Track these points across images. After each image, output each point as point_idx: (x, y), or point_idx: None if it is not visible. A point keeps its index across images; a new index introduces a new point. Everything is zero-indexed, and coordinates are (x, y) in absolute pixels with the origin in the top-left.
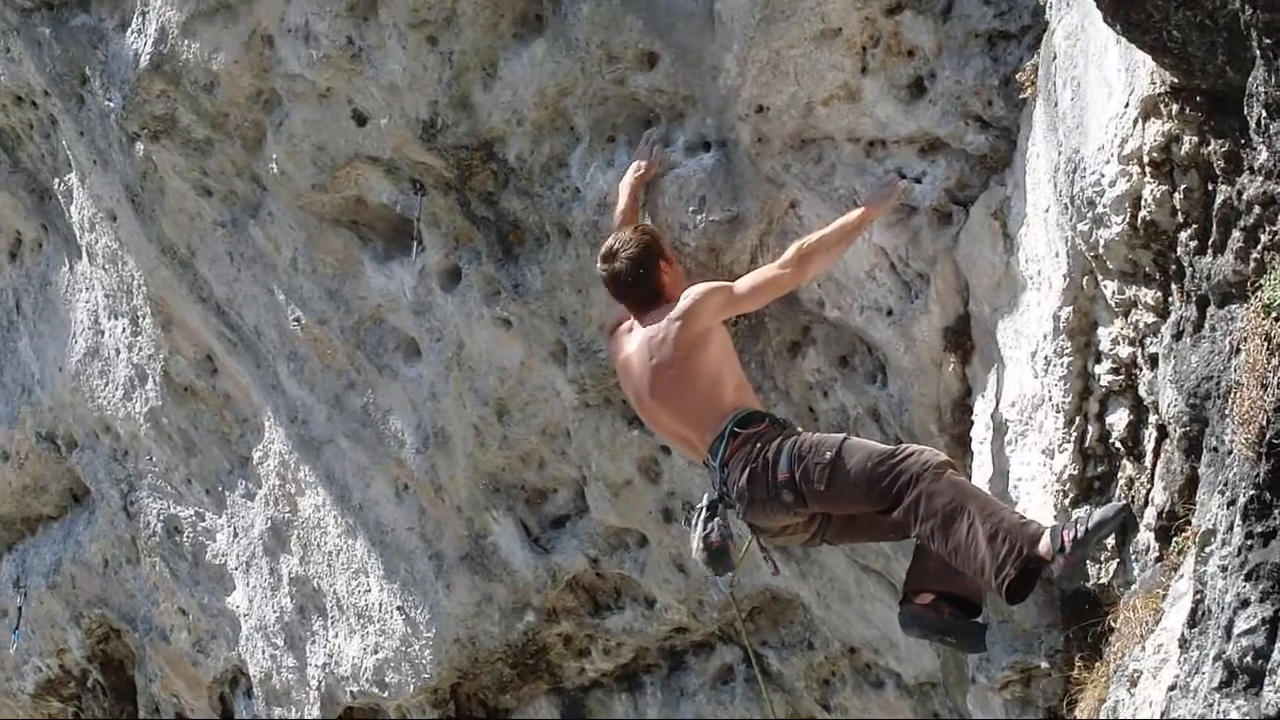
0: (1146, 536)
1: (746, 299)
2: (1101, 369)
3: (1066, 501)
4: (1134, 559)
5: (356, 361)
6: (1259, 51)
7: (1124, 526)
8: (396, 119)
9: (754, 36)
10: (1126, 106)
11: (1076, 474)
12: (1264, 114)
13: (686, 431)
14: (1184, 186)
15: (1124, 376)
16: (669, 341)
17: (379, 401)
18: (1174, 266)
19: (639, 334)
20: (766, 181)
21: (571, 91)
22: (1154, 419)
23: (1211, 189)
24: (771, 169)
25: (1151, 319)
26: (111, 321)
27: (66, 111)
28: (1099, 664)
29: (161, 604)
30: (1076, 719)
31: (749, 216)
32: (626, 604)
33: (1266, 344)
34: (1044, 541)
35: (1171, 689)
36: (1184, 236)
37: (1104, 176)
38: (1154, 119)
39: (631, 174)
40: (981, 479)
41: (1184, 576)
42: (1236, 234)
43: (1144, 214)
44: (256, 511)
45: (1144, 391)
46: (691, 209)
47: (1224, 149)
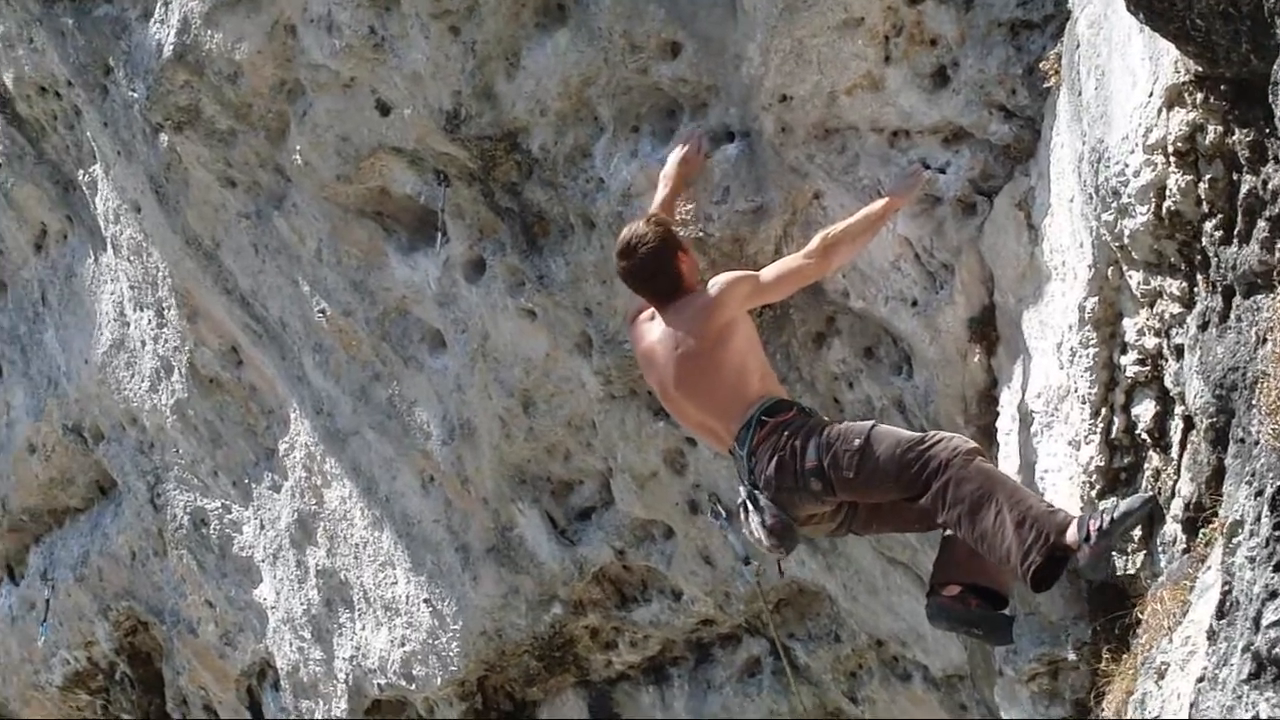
0: (1173, 528)
1: (772, 288)
2: (1127, 360)
3: (1093, 493)
4: (1161, 551)
5: (382, 353)
6: None
7: (1150, 518)
8: (420, 109)
9: (777, 25)
10: (1151, 95)
11: (1103, 465)
12: None
13: (712, 421)
14: (1209, 176)
15: (1150, 367)
16: (695, 331)
17: (404, 393)
18: (1199, 256)
19: (662, 324)
20: (790, 171)
21: (595, 81)
22: (1180, 410)
23: (1236, 178)
24: (795, 159)
25: (1177, 309)
26: (137, 313)
27: (90, 102)
28: (1126, 656)
29: (189, 596)
30: (1104, 712)
31: (773, 207)
32: (653, 596)
33: None
34: (1071, 531)
35: (1200, 681)
36: (1209, 226)
37: (1128, 166)
38: (1178, 108)
39: (675, 163)
40: (1008, 470)
41: (1211, 568)
42: (1262, 224)
43: (1169, 204)
44: (283, 503)
45: (1170, 382)
46: (715, 199)
47: (1249, 138)
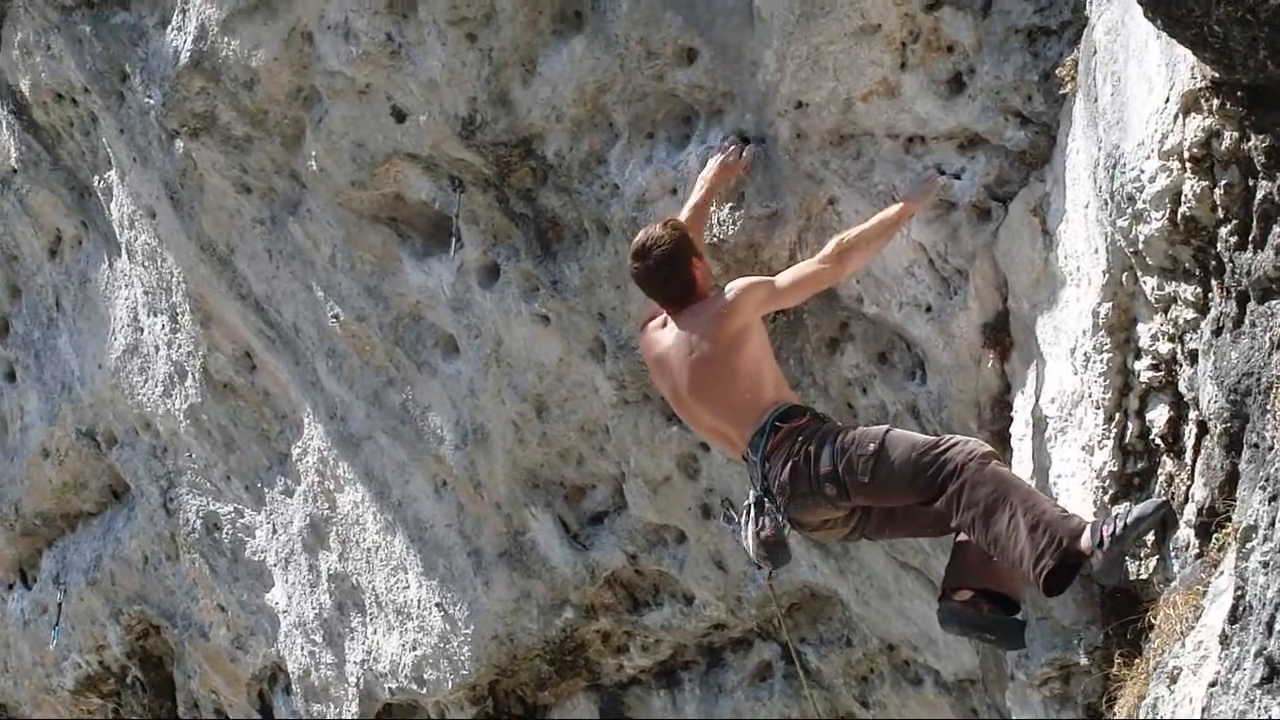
0: (1187, 533)
1: (787, 294)
2: (1141, 365)
3: (1106, 498)
4: (1174, 555)
5: (395, 358)
6: None
7: (1164, 523)
8: (435, 116)
9: (793, 32)
10: (1167, 102)
11: (1116, 470)
12: None
13: (726, 427)
14: (1224, 182)
15: (1164, 372)
16: (710, 337)
17: (418, 398)
18: (1214, 262)
19: (675, 330)
20: (805, 177)
21: (610, 88)
22: (1194, 415)
23: (1252, 184)
24: (810, 165)
25: (1191, 315)
26: (151, 318)
27: (107, 109)
28: (1139, 661)
29: (201, 600)
30: (1116, 716)
31: (788, 212)
32: (665, 601)
33: None
34: (1085, 536)
35: (1212, 685)
36: (1224, 232)
37: (1144, 172)
38: (1195, 114)
39: (713, 170)
40: (1021, 475)
41: (1224, 573)
42: (1277, 229)
43: (1184, 209)
44: (295, 508)
45: (1184, 387)
46: (730, 204)
47: (1265, 144)
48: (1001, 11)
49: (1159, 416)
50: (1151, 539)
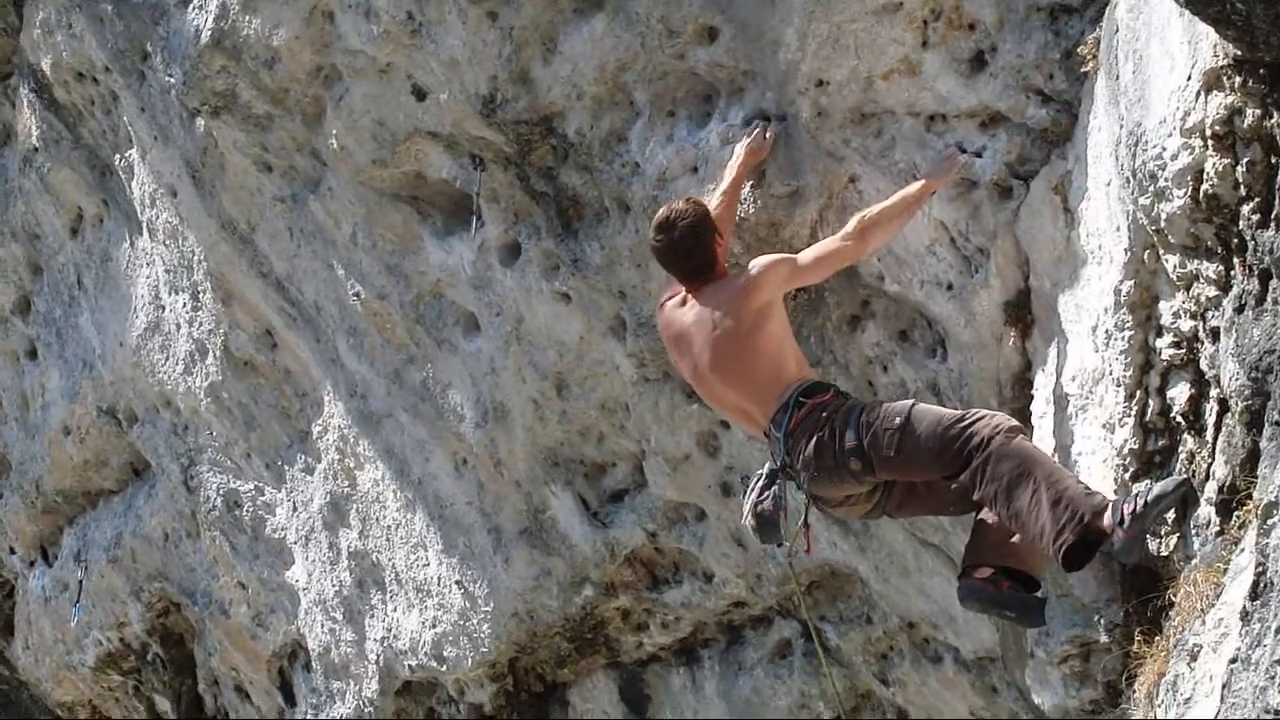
0: (1207, 510)
1: (809, 271)
2: (1163, 343)
3: (1127, 476)
4: (1194, 533)
5: (416, 336)
6: None
7: (1184, 500)
8: (456, 94)
9: (814, 11)
10: (1189, 79)
11: (1137, 448)
12: None
13: (747, 404)
14: (1246, 159)
15: (1185, 350)
16: (733, 314)
17: (438, 376)
18: (1236, 240)
19: (696, 307)
20: (826, 156)
21: (631, 66)
22: (1215, 392)
23: (1274, 161)
24: (831, 143)
25: (1213, 292)
26: (172, 296)
27: (128, 87)
28: (1159, 638)
29: (221, 578)
30: (1136, 694)
31: (809, 191)
32: (685, 578)
33: None
34: (1106, 514)
35: (1233, 662)
36: (1246, 210)
37: (1166, 150)
38: (1216, 92)
39: (739, 156)
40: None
41: (1245, 550)
42: None
43: (1206, 187)
44: (316, 486)
45: (1205, 365)
46: (751, 183)
47: None
48: None
49: (1180, 394)
50: (1172, 516)
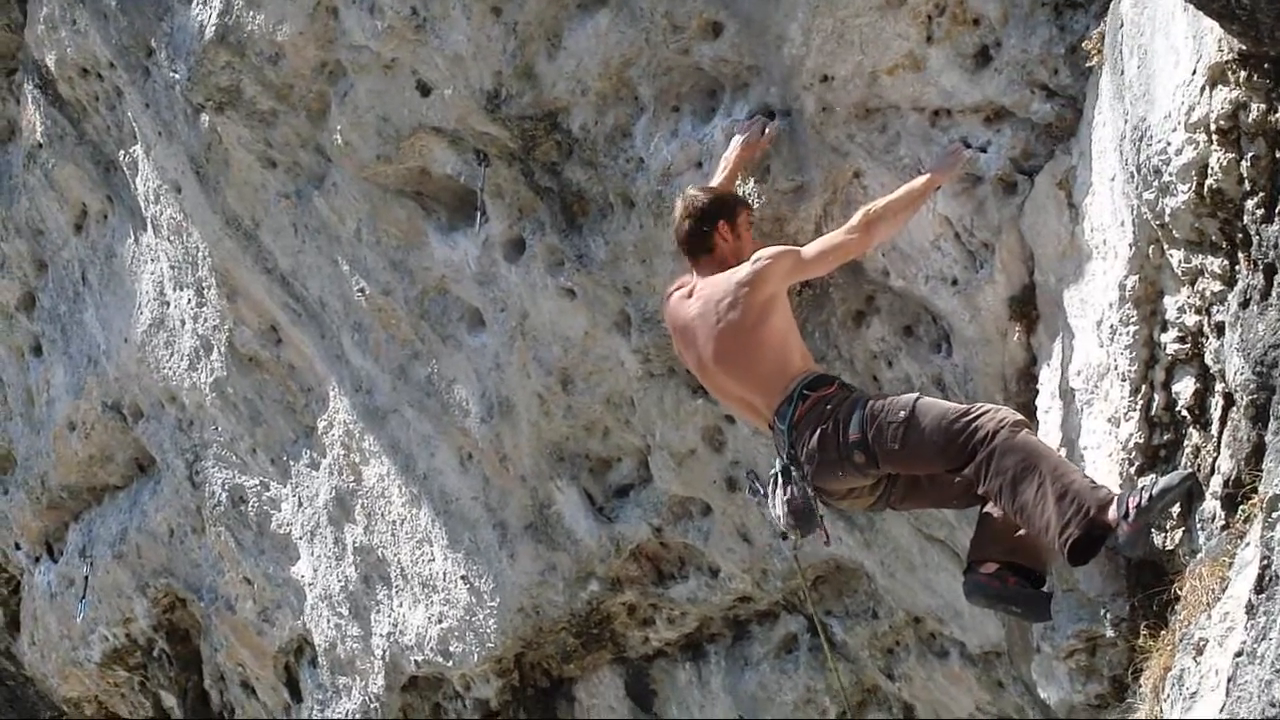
0: (1213, 505)
1: (814, 264)
2: (1168, 337)
3: (1132, 470)
4: (1200, 527)
5: (421, 332)
6: None
7: (1189, 494)
8: (461, 90)
9: (819, 6)
10: (1194, 74)
11: (1142, 442)
12: None
13: (751, 396)
14: (1251, 154)
15: (1190, 345)
16: (737, 305)
17: (443, 371)
18: (1240, 234)
19: (701, 299)
20: (831, 151)
21: (636, 61)
22: (1220, 387)
23: (1279, 156)
24: (836, 138)
25: (1218, 287)
26: (176, 292)
27: (132, 83)
28: (1164, 632)
29: (227, 573)
30: (1142, 688)
31: (813, 186)
32: (690, 573)
33: None
34: (1111, 508)
35: (1238, 656)
36: (1251, 204)
37: (1170, 145)
38: (1221, 86)
39: (735, 149)
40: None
41: (1250, 544)
42: None
43: (1210, 182)
44: (321, 481)
45: (1210, 359)
46: (756, 178)
47: None
48: None
49: (1185, 388)
50: (1177, 511)
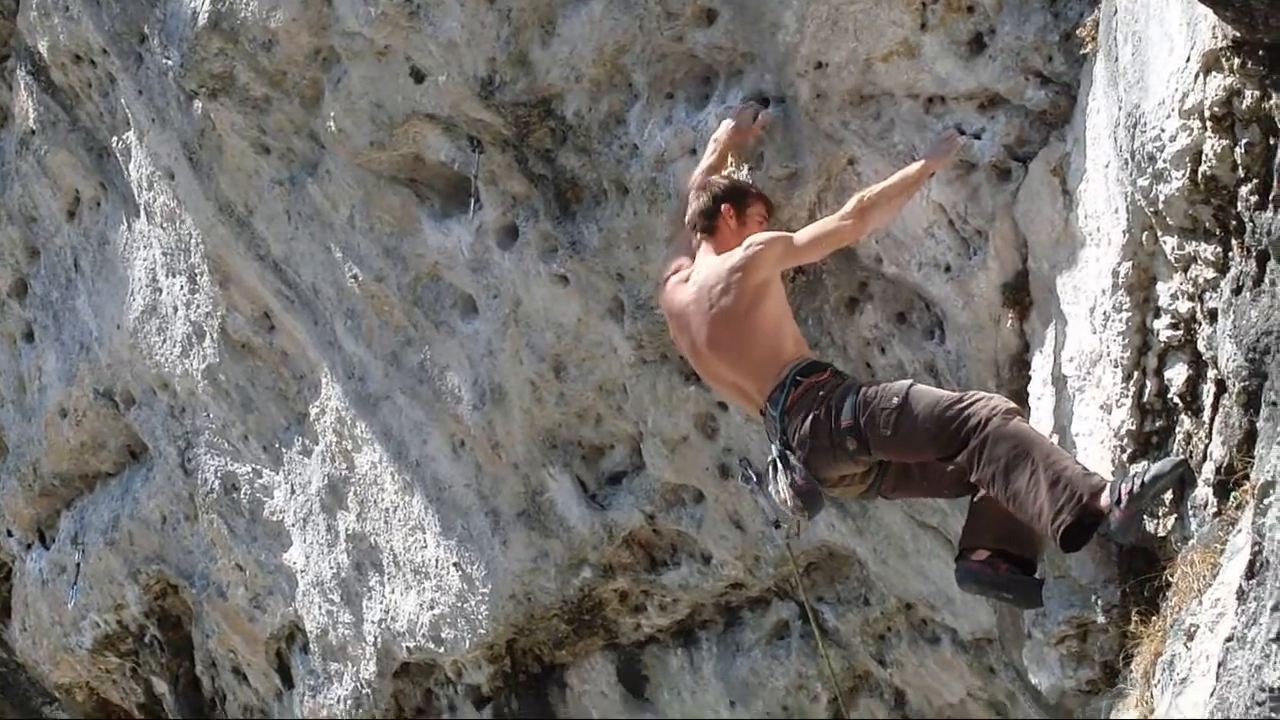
0: (1204, 491)
1: (806, 250)
2: (1160, 324)
3: (1124, 456)
4: (1192, 514)
5: (414, 318)
6: None
7: (1181, 481)
8: (454, 76)
9: None
10: (1188, 61)
11: (1134, 429)
12: None
13: (744, 381)
14: (1245, 141)
15: (1183, 331)
16: (730, 291)
17: (436, 358)
18: (1234, 221)
19: (695, 284)
20: (825, 138)
21: (630, 48)
22: (1213, 374)
23: (1273, 143)
24: (830, 125)
25: (1211, 274)
26: (169, 279)
27: (125, 70)
28: (1156, 618)
29: (219, 560)
30: (1133, 674)
31: (807, 173)
32: (683, 560)
33: None
34: (1104, 494)
35: (1228, 641)
36: (1244, 191)
37: (1164, 131)
38: (1215, 73)
39: (725, 132)
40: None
41: (1242, 530)
42: None
43: (1204, 169)
44: (313, 468)
45: (1203, 346)
46: (750, 165)
47: None
48: None
49: (1177, 375)
50: (1169, 497)
